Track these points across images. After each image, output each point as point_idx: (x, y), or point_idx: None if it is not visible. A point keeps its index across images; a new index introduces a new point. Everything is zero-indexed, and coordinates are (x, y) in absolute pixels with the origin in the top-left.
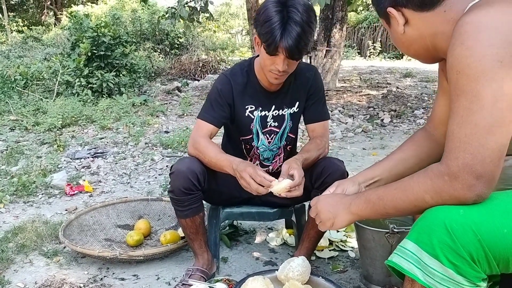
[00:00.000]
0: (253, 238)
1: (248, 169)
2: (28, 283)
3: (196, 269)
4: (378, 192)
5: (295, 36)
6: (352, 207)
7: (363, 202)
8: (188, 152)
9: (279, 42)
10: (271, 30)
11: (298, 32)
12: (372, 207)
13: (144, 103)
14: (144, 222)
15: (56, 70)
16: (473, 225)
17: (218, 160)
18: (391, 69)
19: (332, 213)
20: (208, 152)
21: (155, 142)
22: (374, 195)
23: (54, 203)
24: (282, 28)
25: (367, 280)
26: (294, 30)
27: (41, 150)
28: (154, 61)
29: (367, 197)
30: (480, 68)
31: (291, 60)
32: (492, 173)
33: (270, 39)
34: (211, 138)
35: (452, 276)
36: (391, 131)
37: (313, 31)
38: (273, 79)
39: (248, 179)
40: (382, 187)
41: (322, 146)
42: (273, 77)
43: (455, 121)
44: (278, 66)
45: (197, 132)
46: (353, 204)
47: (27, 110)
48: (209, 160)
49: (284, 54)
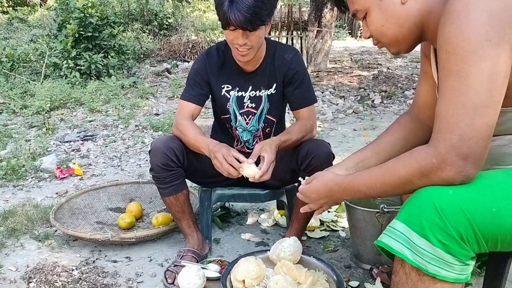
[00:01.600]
0: (245, 219)
1: (223, 150)
2: (20, 266)
3: (188, 250)
4: (366, 181)
5: (243, 7)
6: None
7: (353, 193)
8: (172, 133)
9: (227, 14)
10: (220, 3)
11: (247, 3)
12: (364, 196)
13: (134, 85)
14: (136, 204)
15: (43, 52)
16: (462, 204)
17: (196, 141)
18: (382, 50)
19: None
20: (188, 133)
21: (145, 125)
22: (363, 186)
23: (44, 186)
24: (229, 0)
25: (358, 259)
26: (242, 1)
27: (29, 134)
28: (143, 42)
29: (356, 188)
30: (469, 48)
31: (247, 32)
32: (479, 154)
33: (220, 12)
34: (194, 117)
35: (441, 255)
36: (382, 112)
37: (268, 1)
38: (239, 56)
39: (220, 159)
40: (367, 174)
41: (307, 128)
42: (238, 53)
43: (443, 102)
44: (238, 40)
45: (179, 113)
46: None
47: (14, 93)
48: (188, 141)
49: (236, 27)
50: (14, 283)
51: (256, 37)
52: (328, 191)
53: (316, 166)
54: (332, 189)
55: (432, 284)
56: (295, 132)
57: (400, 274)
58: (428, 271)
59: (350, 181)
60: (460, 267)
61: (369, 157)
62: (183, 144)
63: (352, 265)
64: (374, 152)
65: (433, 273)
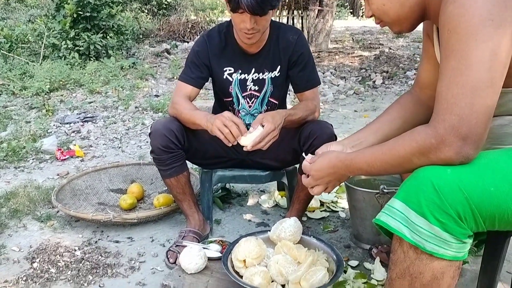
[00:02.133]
0: (245, 200)
1: (225, 113)
2: (23, 247)
3: (189, 231)
4: (367, 159)
5: None
6: (344, 178)
7: (355, 170)
8: (168, 113)
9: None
10: None
11: None
12: (365, 173)
13: (133, 66)
14: (137, 186)
15: (42, 32)
16: (460, 183)
17: (192, 116)
18: (384, 30)
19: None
20: (183, 110)
21: (145, 106)
22: (364, 164)
23: (45, 168)
24: None
25: (357, 239)
26: None
27: (29, 115)
28: (142, 22)
29: (358, 166)
30: (471, 27)
31: (256, 16)
32: (479, 135)
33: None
34: (191, 99)
35: (439, 234)
36: (383, 93)
37: None
38: (245, 38)
39: (219, 124)
40: (369, 152)
41: (311, 108)
42: (245, 36)
43: (443, 82)
44: (246, 24)
45: (176, 93)
46: (345, 176)
47: (13, 74)
48: (184, 117)
49: (246, 11)
50: (17, 263)
51: (264, 21)
52: (331, 167)
53: (318, 146)
54: (336, 165)
55: (429, 262)
56: (300, 110)
57: (398, 253)
58: (425, 249)
59: (352, 158)
60: (457, 245)
61: (366, 136)
62: (183, 126)
63: (352, 245)
64: (371, 131)
65: (431, 251)
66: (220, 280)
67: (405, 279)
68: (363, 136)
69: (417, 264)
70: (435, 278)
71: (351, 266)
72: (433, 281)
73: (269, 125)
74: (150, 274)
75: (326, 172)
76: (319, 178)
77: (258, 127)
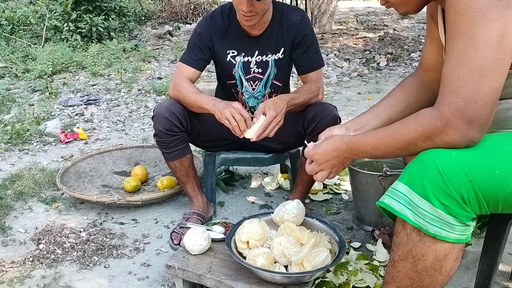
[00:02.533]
0: (248, 183)
1: (235, 104)
2: (29, 228)
3: (193, 213)
4: (371, 142)
5: None
6: (349, 161)
7: (359, 153)
8: (169, 95)
9: None
10: None
11: None
12: (369, 157)
13: (135, 48)
14: (141, 168)
15: (43, 14)
16: (464, 166)
17: (197, 100)
18: (389, 11)
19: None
20: (187, 93)
21: (148, 89)
22: (369, 147)
23: (49, 150)
24: None
25: (360, 221)
26: None
27: (33, 98)
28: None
29: (362, 149)
30: (478, 8)
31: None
32: (484, 118)
33: None
34: (193, 81)
35: (442, 216)
36: (387, 75)
37: None
38: (244, 20)
39: (228, 116)
40: (374, 135)
41: (314, 90)
42: (243, 18)
43: (449, 65)
44: (242, 7)
45: (177, 75)
46: (349, 159)
47: (15, 57)
48: (188, 101)
49: None
50: (24, 244)
51: (261, 5)
52: (336, 150)
53: (322, 129)
54: (340, 147)
55: (432, 244)
56: (303, 93)
57: (401, 235)
58: (428, 232)
59: (357, 141)
60: (460, 227)
61: (369, 118)
62: (186, 108)
63: (354, 227)
64: (374, 114)
65: (434, 233)
66: (223, 261)
67: (408, 261)
68: (366, 119)
69: (420, 247)
70: (437, 260)
71: (353, 247)
72: (436, 263)
73: (271, 112)
74: (155, 255)
75: (331, 155)
76: (323, 162)
77: (261, 117)
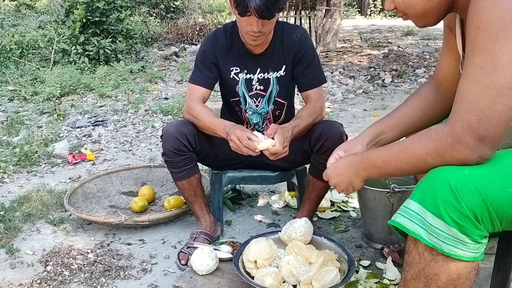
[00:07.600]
0: (255, 201)
1: (237, 132)
2: (37, 250)
3: (200, 232)
4: (382, 156)
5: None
6: (360, 172)
7: (369, 167)
8: (183, 118)
9: (247, 2)
10: None
11: None
12: (379, 171)
13: (142, 70)
14: (148, 188)
15: (52, 38)
16: (477, 184)
17: (212, 124)
18: (392, 28)
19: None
20: (202, 117)
21: (155, 109)
22: (379, 160)
23: (57, 172)
24: None
25: (369, 238)
26: None
27: (41, 120)
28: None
29: (372, 161)
30: (502, 25)
31: (264, 20)
32: (496, 136)
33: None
34: (204, 101)
35: (456, 235)
36: (392, 91)
37: None
38: (251, 40)
39: (236, 141)
40: (385, 150)
41: (317, 110)
42: (251, 38)
43: (466, 80)
44: (253, 27)
45: (189, 97)
46: (360, 170)
47: (24, 80)
48: (204, 125)
49: (254, 14)
50: (31, 266)
51: (270, 24)
52: (351, 164)
53: (329, 147)
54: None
55: (445, 264)
56: (305, 117)
57: (413, 254)
58: (443, 251)
59: (368, 154)
60: (474, 245)
61: (385, 132)
62: (195, 128)
63: (363, 244)
64: (391, 127)
65: (448, 252)
66: (231, 281)
67: (420, 281)
68: (383, 132)
69: (432, 266)
70: (451, 279)
71: (362, 266)
72: (449, 283)
73: (280, 138)
74: (162, 276)
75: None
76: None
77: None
